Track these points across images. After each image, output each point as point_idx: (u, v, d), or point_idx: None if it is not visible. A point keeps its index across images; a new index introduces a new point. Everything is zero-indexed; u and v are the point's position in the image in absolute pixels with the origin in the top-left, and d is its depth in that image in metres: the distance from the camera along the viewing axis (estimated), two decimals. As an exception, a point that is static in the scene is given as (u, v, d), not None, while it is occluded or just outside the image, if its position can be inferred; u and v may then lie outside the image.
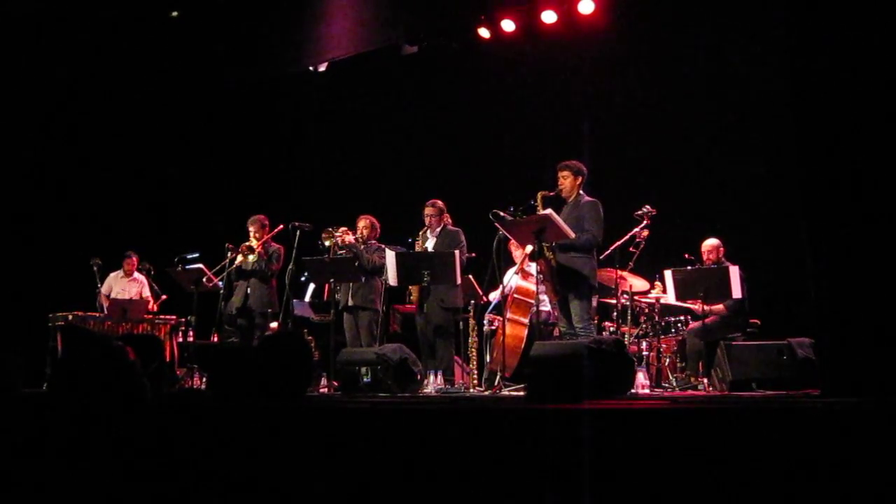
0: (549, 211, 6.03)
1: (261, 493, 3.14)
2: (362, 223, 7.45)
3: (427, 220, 7.16)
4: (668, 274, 6.62)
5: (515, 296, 7.14)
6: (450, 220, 7.24)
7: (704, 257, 6.96)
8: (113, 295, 8.83)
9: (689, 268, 6.71)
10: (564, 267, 6.06)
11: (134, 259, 8.96)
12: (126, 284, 8.95)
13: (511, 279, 7.19)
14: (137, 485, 3.15)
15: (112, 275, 8.94)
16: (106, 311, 8.59)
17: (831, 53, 4.26)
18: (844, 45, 4.22)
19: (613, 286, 6.71)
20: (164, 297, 8.95)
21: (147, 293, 8.92)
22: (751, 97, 7.51)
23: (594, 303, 6.42)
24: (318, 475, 3.11)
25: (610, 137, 8.09)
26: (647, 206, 6.79)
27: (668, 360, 7.09)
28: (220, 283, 7.75)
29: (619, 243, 6.80)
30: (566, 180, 6.25)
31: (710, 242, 7.02)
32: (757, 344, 6.36)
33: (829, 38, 4.29)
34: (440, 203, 7.19)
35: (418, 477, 2.97)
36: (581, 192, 6.26)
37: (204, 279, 7.68)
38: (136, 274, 8.99)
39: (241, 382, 4.38)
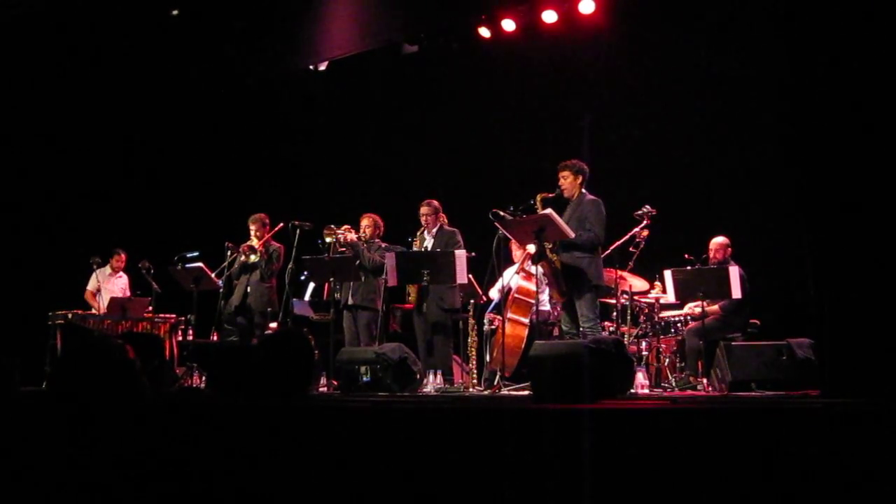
0: (548, 210, 6.04)
1: (261, 492, 3.14)
2: (365, 221, 7.45)
3: (423, 220, 7.18)
4: (667, 274, 6.62)
5: (516, 295, 7.14)
6: (445, 220, 7.24)
7: (711, 255, 6.92)
8: (101, 290, 8.89)
9: (688, 268, 6.70)
10: (569, 267, 6.07)
11: (122, 256, 9.02)
12: (110, 281, 9.01)
13: (511, 278, 7.19)
14: (136, 484, 3.15)
15: (99, 270, 8.98)
16: (96, 308, 8.61)
17: (829, 54, 4.26)
18: (842, 44, 4.22)
19: (613, 286, 6.70)
20: (156, 288, 8.49)
21: (128, 291, 8.97)
22: (751, 97, 7.50)
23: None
24: (317, 475, 3.11)
25: (610, 137, 8.09)
26: (647, 206, 6.79)
27: (667, 360, 7.09)
28: (220, 281, 7.75)
29: (618, 243, 6.80)
30: (566, 180, 6.27)
31: (718, 240, 6.98)
32: (757, 344, 6.34)
33: (826, 38, 4.29)
34: (436, 203, 7.21)
35: (418, 477, 2.97)
36: (583, 190, 6.26)
37: (211, 275, 7.65)
38: (121, 272, 9.05)
39: (240, 381, 4.38)
